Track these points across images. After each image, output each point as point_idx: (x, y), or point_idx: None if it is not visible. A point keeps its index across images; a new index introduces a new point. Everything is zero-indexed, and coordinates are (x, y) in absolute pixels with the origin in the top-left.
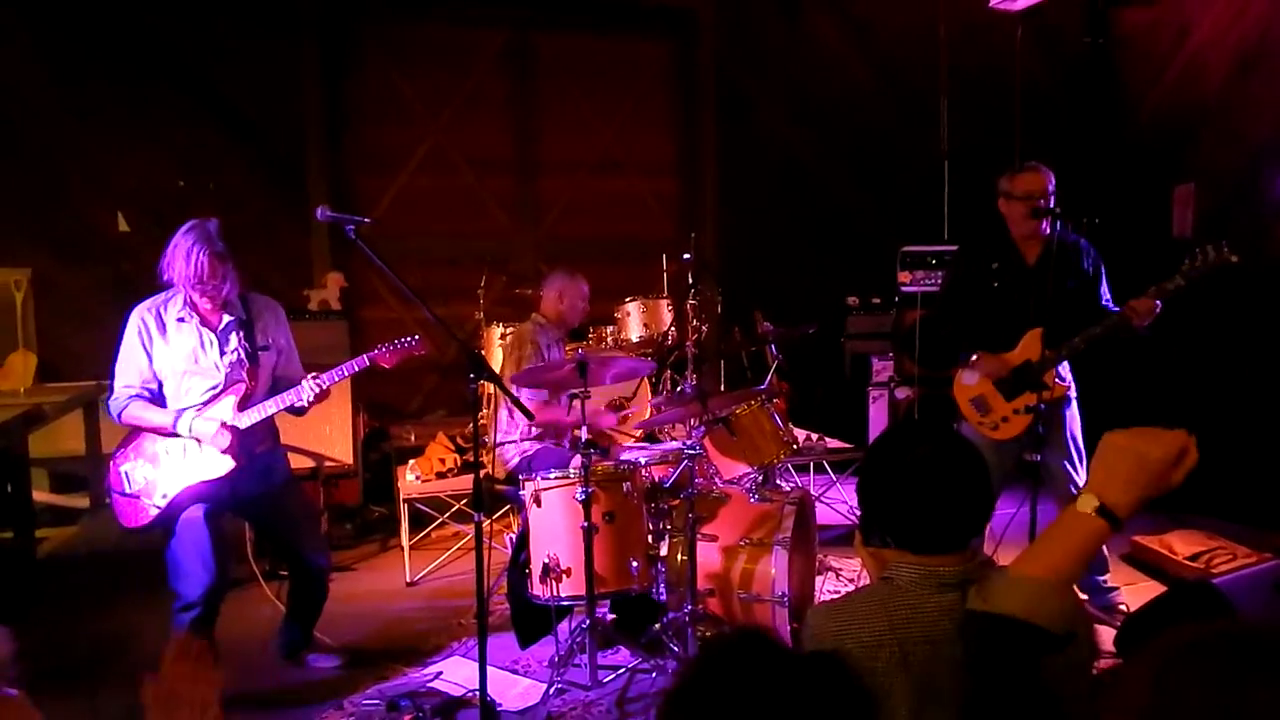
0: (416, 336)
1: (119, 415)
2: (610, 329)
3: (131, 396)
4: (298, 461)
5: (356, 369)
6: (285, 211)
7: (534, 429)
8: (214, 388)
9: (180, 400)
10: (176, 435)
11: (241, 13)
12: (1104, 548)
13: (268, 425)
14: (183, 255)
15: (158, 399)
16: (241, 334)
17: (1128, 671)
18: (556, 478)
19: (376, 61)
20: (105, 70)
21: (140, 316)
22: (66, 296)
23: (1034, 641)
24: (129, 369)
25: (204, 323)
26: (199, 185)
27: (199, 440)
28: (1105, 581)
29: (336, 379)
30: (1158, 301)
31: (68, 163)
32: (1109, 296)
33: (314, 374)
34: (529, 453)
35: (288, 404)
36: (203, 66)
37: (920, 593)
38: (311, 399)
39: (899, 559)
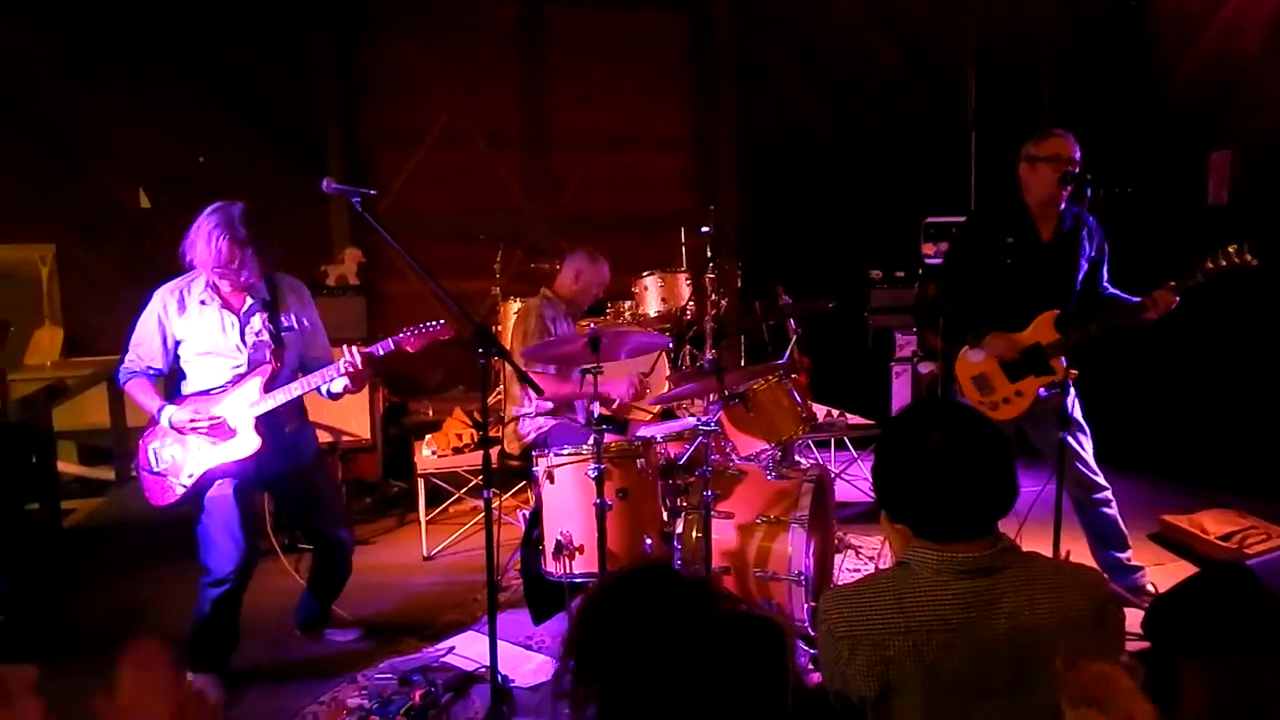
0: (441, 321)
1: (122, 384)
2: (628, 304)
3: (133, 373)
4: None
5: (382, 353)
6: (303, 187)
7: (547, 403)
8: (236, 368)
9: (203, 381)
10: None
11: None
12: (1120, 522)
13: (296, 404)
14: (203, 238)
15: (182, 377)
16: (265, 316)
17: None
18: (570, 454)
19: (389, 36)
20: (124, 50)
21: (163, 299)
22: (90, 272)
23: None
24: (138, 346)
25: (226, 305)
26: (219, 161)
27: (179, 430)
28: (1127, 559)
29: (374, 353)
30: (1177, 297)
31: (90, 141)
32: (1108, 277)
33: (348, 345)
34: (544, 429)
35: (321, 383)
36: (218, 44)
37: (938, 580)
38: (346, 382)
39: (919, 543)
